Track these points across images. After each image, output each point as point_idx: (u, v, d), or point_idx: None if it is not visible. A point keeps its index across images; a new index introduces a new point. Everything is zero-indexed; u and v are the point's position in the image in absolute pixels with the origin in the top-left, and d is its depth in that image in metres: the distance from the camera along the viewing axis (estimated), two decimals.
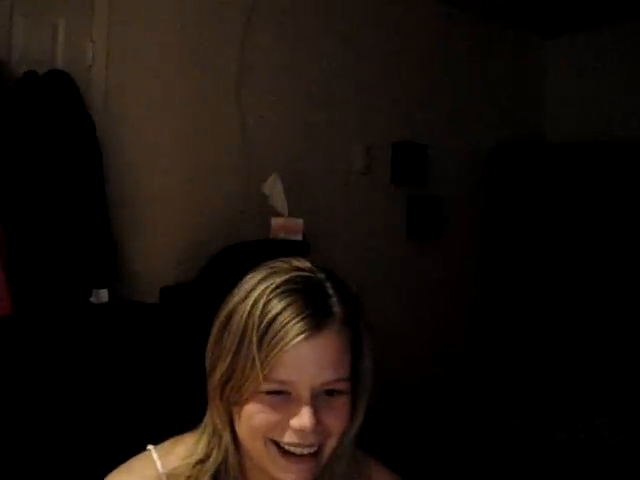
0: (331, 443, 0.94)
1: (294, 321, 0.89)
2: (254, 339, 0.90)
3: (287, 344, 0.88)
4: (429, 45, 4.02)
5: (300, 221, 2.96)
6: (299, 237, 2.95)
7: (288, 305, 0.90)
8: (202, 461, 0.99)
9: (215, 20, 3.14)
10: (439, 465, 3.19)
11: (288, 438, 0.91)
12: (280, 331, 0.89)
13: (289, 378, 0.90)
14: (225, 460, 0.99)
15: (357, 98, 3.67)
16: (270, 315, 0.90)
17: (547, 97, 4.67)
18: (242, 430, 0.94)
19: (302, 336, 0.89)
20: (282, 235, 2.94)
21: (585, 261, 3.96)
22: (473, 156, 4.24)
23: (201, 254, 2.89)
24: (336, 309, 0.94)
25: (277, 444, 0.92)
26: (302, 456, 0.92)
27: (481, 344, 4.21)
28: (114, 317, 2.49)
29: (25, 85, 2.44)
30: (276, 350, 0.88)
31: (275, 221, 2.95)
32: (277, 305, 0.91)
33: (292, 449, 0.91)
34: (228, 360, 0.93)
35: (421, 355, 3.87)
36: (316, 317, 0.90)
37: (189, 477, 0.98)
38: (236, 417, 0.95)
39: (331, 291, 0.95)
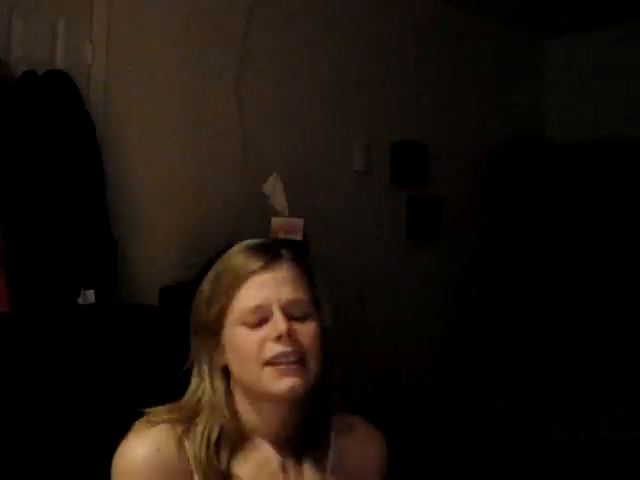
0: (311, 359, 1.11)
1: (253, 257, 1.15)
2: (225, 278, 1.14)
3: (250, 273, 1.12)
4: (429, 45, 4.02)
5: (300, 221, 2.96)
6: (299, 237, 2.94)
7: (249, 252, 1.17)
8: (186, 419, 1.13)
9: (215, 20, 3.13)
10: (440, 464, 3.19)
11: (272, 351, 1.09)
12: (244, 265, 1.14)
13: (260, 301, 1.11)
14: (222, 423, 1.12)
15: (357, 98, 3.67)
16: (234, 259, 1.16)
17: (547, 97, 4.67)
18: (236, 364, 1.12)
19: (260, 264, 1.13)
20: (282, 235, 2.93)
21: (586, 262, 3.95)
22: (473, 156, 4.23)
23: (201, 254, 2.88)
24: (285, 253, 1.17)
25: (271, 365, 1.09)
26: (289, 365, 1.08)
27: (482, 344, 4.20)
28: (113, 317, 2.48)
29: (24, 85, 2.43)
30: (242, 280, 1.12)
31: (275, 221, 2.95)
32: (238, 254, 1.17)
33: (279, 361, 1.09)
34: (208, 306, 1.14)
35: (421, 355, 3.86)
36: (270, 254, 1.15)
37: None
38: (228, 357, 1.13)
39: (282, 246, 1.20)
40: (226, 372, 1.14)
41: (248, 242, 1.21)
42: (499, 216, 4.28)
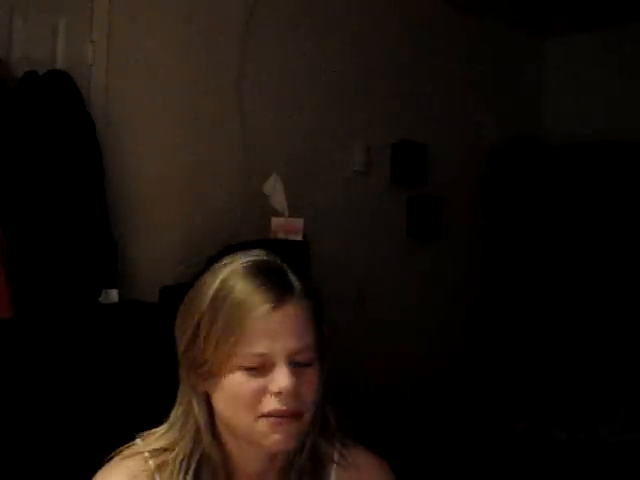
0: (308, 412, 1.02)
1: (260, 294, 0.99)
2: (225, 312, 0.99)
3: (256, 314, 0.98)
4: (429, 45, 4.03)
5: (300, 221, 2.96)
6: (299, 237, 2.95)
7: (252, 281, 1.00)
8: (165, 449, 1.05)
9: (215, 20, 3.14)
10: (440, 465, 3.19)
11: (269, 406, 0.98)
12: (250, 304, 0.98)
13: (265, 350, 0.98)
14: (203, 451, 1.03)
15: (357, 98, 3.67)
16: (237, 291, 1.00)
17: (545, 97, 4.67)
18: (226, 407, 1.01)
19: (269, 306, 0.98)
20: (282, 235, 2.94)
21: (585, 262, 3.96)
22: (473, 156, 4.24)
23: (201, 254, 2.89)
24: (295, 284, 1.03)
25: (265, 418, 0.99)
26: (284, 419, 0.99)
27: (481, 344, 4.21)
28: (113, 317, 2.49)
29: (25, 85, 2.44)
30: (247, 322, 0.98)
31: (275, 221, 2.96)
32: (241, 282, 1.00)
33: (275, 416, 0.98)
34: (202, 337, 1.00)
35: (421, 355, 3.87)
36: (279, 290, 1.00)
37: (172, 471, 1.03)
38: (217, 395, 1.01)
39: (288, 270, 1.05)
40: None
41: (252, 264, 1.03)
42: (499, 216, 4.28)
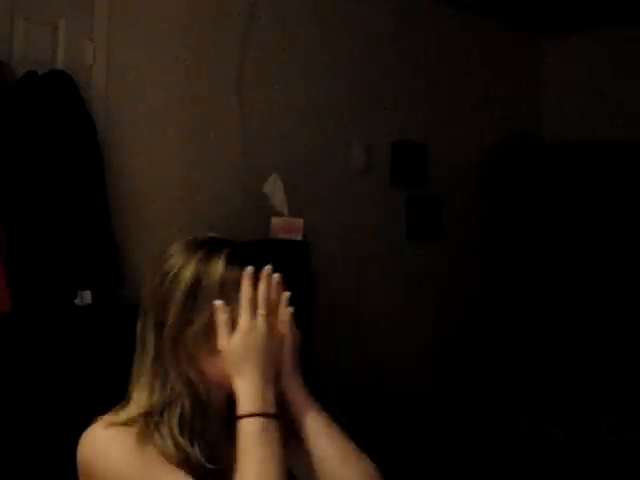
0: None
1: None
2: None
3: None
4: (429, 45, 4.03)
5: (300, 221, 2.96)
6: (299, 237, 2.95)
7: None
8: (149, 414, 1.12)
9: (216, 20, 3.14)
10: (440, 465, 3.20)
11: None
12: None
13: None
14: (182, 410, 1.11)
15: (357, 98, 3.67)
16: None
17: (546, 97, 4.68)
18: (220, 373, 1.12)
19: None
20: (282, 235, 2.94)
21: (585, 262, 3.96)
22: (473, 156, 4.24)
23: None
24: None
25: None
26: None
27: (481, 344, 4.21)
28: (113, 317, 2.49)
29: (25, 85, 2.44)
30: None
31: (275, 221, 2.96)
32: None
33: None
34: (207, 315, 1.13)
35: (421, 354, 3.87)
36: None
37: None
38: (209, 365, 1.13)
39: None
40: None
41: (228, 247, 1.23)
42: (498, 216, 4.28)
